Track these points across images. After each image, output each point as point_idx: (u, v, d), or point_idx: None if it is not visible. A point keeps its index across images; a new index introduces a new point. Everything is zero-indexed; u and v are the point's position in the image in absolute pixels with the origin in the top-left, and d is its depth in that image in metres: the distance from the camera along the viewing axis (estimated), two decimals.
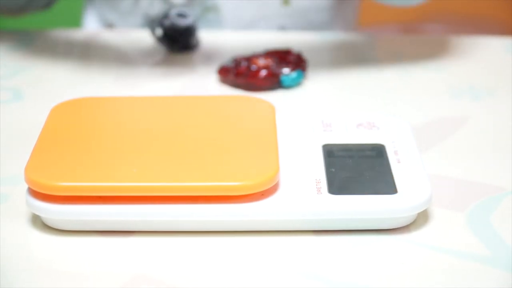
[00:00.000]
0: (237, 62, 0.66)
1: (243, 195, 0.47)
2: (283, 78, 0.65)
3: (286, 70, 0.65)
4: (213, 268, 0.46)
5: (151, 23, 0.71)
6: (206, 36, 0.73)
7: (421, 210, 0.48)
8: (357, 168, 0.51)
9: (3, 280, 0.45)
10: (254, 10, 0.79)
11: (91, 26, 0.86)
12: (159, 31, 0.70)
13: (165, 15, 0.70)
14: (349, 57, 0.69)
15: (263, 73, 0.65)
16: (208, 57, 0.70)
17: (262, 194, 0.48)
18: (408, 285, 0.45)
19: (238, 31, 0.77)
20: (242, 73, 0.65)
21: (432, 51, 0.72)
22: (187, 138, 0.51)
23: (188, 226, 0.48)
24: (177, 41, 0.70)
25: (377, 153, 0.52)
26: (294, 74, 0.65)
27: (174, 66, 0.69)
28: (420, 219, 0.49)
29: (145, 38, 0.73)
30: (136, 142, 0.51)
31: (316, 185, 0.49)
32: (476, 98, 0.64)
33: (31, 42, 0.73)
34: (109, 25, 0.83)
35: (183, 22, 0.70)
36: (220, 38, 0.74)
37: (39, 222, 0.49)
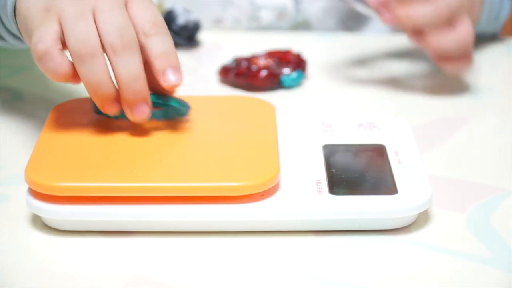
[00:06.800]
0: (237, 62, 0.66)
1: (243, 196, 0.47)
2: (283, 78, 0.65)
3: (286, 71, 0.65)
4: (214, 269, 0.46)
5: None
6: (206, 36, 0.73)
7: (422, 210, 0.48)
8: (358, 168, 0.51)
9: (3, 280, 0.45)
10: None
11: None
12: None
13: (173, 17, 0.71)
14: (349, 57, 0.69)
15: (264, 73, 0.65)
16: (209, 57, 0.70)
17: (263, 195, 0.48)
18: (408, 286, 0.45)
19: (238, 31, 0.77)
20: (242, 73, 0.65)
21: None
22: (188, 138, 0.51)
23: (188, 226, 0.48)
24: (189, 36, 0.71)
25: (378, 153, 0.52)
26: (294, 75, 0.65)
27: None
28: (421, 219, 0.49)
29: None
30: (136, 142, 0.50)
31: (317, 185, 0.49)
32: (477, 98, 0.64)
33: None
34: None
35: (191, 17, 0.71)
36: (221, 38, 0.74)
37: (39, 222, 0.49)
